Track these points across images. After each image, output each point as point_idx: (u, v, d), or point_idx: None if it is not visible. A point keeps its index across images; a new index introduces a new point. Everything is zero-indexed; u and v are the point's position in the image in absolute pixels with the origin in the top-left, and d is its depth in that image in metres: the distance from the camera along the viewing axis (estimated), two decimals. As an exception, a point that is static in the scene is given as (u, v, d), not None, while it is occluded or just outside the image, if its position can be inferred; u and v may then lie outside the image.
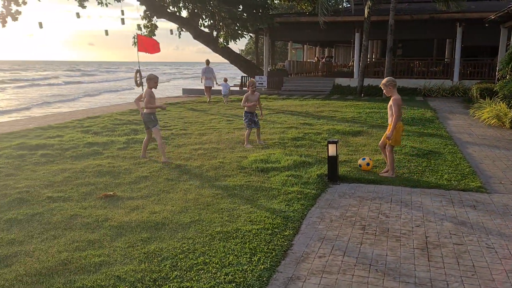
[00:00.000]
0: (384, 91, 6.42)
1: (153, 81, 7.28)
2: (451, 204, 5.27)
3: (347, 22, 21.98)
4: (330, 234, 4.41)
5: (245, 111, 8.66)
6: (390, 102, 6.31)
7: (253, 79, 9.14)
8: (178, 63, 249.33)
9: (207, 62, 18.25)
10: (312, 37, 25.44)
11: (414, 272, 3.61)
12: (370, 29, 19.23)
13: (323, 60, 31.89)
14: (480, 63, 21.26)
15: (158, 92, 35.58)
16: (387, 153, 6.44)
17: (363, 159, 6.78)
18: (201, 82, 18.56)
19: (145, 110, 7.33)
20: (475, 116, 12.49)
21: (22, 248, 4.06)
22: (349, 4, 22.43)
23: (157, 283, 3.40)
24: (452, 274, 3.59)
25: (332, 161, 6.13)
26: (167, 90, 39.03)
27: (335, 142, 6.10)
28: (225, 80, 18.53)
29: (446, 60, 23.81)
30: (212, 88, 18.58)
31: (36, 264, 3.72)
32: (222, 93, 18.03)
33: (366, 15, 19.01)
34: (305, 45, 34.38)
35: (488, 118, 11.49)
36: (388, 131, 6.37)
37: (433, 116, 12.52)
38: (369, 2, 18.72)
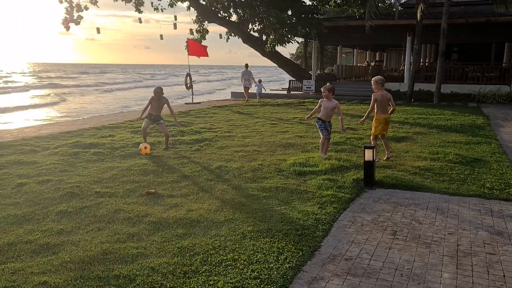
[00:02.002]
0: (373, 86, 7.47)
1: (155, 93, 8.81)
2: (489, 213, 5.15)
3: (399, 25, 21.54)
4: (359, 238, 4.46)
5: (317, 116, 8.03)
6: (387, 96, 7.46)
7: (328, 84, 8.25)
8: (230, 67, 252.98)
9: (246, 65, 20.86)
10: (362, 41, 25.13)
11: (440, 279, 3.61)
12: (422, 33, 18.78)
13: (373, 64, 31.37)
14: (541, 68, 20.17)
15: (206, 95, 36.56)
16: (374, 140, 7.62)
17: (143, 143, 8.30)
18: (241, 82, 21.11)
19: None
20: (530, 123, 11.92)
21: (69, 238, 4.42)
22: (400, 7, 21.97)
23: (187, 276, 3.62)
24: (480, 283, 3.55)
25: (368, 166, 6.14)
26: (215, 93, 39.76)
27: (372, 147, 6.11)
28: (260, 81, 21.44)
29: (504, 64, 22.76)
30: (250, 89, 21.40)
31: (80, 252, 4.05)
32: (257, 92, 20.91)
33: (418, 18, 18.58)
34: (355, 49, 33.98)
35: (545, 126, 10.93)
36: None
37: (485, 123, 12.06)
38: (421, 5, 18.29)
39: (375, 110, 7.54)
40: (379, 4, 22.04)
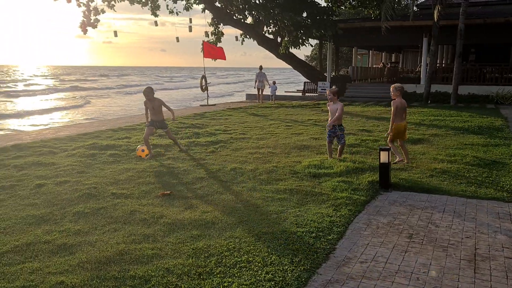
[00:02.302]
0: (391, 94, 7.49)
1: (144, 93, 8.42)
2: (508, 217, 5.06)
3: (415, 26, 21.33)
4: (374, 241, 4.43)
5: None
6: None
7: (335, 88, 8.03)
8: (245, 69, 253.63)
9: (260, 67, 21.19)
10: (378, 42, 24.98)
11: (457, 283, 3.56)
12: (439, 34, 18.56)
13: (389, 65, 31.11)
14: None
15: (227, 97, 36.72)
16: (401, 145, 7.60)
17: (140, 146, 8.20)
18: (255, 84, 21.38)
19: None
20: (551, 125, 11.69)
21: (86, 238, 4.48)
22: (416, 8, 21.76)
23: (201, 277, 3.63)
24: (498, 287, 3.49)
25: (384, 168, 6.09)
26: (234, 95, 39.86)
27: (387, 150, 6.06)
28: (274, 82, 22.40)
29: (523, 65, 22.35)
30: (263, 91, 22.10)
31: (97, 253, 4.10)
32: (270, 93, 21.83)
33: (435, 19, 18.38)
34: (370, 51, 33.74)
35: None
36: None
37: (503, 124, 11.87)
38: (438, 6, 18.09)
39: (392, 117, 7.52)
40: (395, 6, 21.84)
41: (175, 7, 24.85)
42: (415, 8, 21.48)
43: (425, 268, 3.83)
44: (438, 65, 25.51)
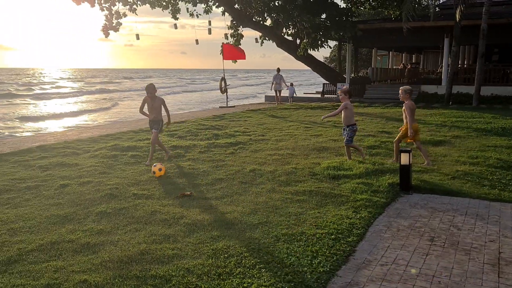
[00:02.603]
0: (401, 96, 7.52)
1: (148, 90, 8.00)
2: (533, 220, 4.96)
3: (436, 27, 21.02)
4: (395, 243, 4.39)
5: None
6: (404, 107, 7.50)
7: (346, 87, 7.93)
8: (264, 70, 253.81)
9: (278, 70, 21.62)
10: (398, 43, 24.72)
11: None
12: (461, 34, 18.27)
13: (409, 66, 30.74)
14: None
15: (251, 99, 36.91)
16: (419, 147, 7.59)
17: (155, 165, 7.00)
18: (271, 86, 21.58)
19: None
20: None
21: (109, 238, 4.56)
22: (437, 8, 21.46)
23: (221, 277, 3.66)
24: (522, 292, 3.43)
25: (405, 170, 6.03)
26: (257, 97, 39.92)
27: (408, 151, 6.00)
28: (291, 84, 22.71)
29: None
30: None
31: (119, 252, 4.17)
32: (288, 95, 22.02)
33: (457, 19, 18.10)
34: (390, 52, 33.40)
35: None
36: (403, 130, 7.60)
37: (528, 126, 11.60)
38: (460, 5, 17.80)
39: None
40: (416, 6, 21.58)
41: (195, 10, 24.99)
42: (436, 8, 21.17)
43: (447, 271, 3.78)
44: (459, 65, 25.10)
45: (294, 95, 22.71)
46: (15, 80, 77.62)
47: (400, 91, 7.53)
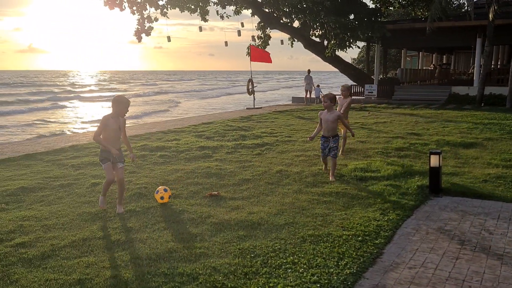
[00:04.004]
0: (343, 93, 8.41)
1: (122, 105, 5.28)
2: None
3: (468, 27, 20.56)
4: (424, 246, 4.32)
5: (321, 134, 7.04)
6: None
7: (330, 93, 7.18)
8: (292, 72, 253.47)
9: (308, 71, 23.12)
10: (428, 43, 24.26)
11: (512, 293, 3.42)
12: (494, 34, 17.79)
13: (440, 67, 30.10)
14: None
15: (269, 99, 37.17)
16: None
17: (157, 192, 5.68)
18: (303, 85, 23.64)
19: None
20: None
21: (137, 235, 4.65)
22: (469, 8, 20.94)
23: (247, 277, 3.69)
24: (557, 299, 3.32)
25: (434, 173, 5.92)
26: (276, 98, 39.94)
27: (438, 153, 5.89)
28: (318, 85, 23.95)
29: None
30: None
31: (147, 250, 4.25)
32: (315, 96, 23.13)
33: (490, 18, 17.64)
34: (420, 52, 32.80)
35: None
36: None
37: None
38: (494, 4, 17.34)
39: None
40: (446, 6, 21.13)
41: (224, 12, 25.25)
42: (467, 8, 20.67)
43: (478, 276, 3.70)
44: (492, 66, 24.44)
45: (321, 96, 23.03)
46: (62, 81, 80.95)
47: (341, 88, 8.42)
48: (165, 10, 23.96)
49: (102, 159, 5.35)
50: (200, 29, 24.89)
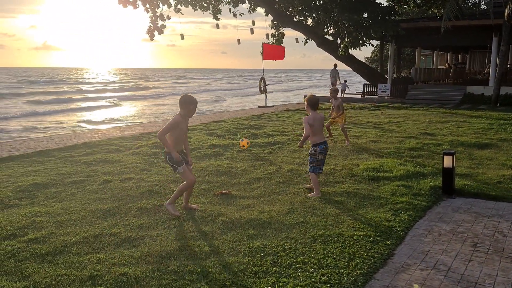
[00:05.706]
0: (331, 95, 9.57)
1: (193, 105, 5.14)
2: None
3: (483, 26, 20.26)
4: (436, 248, 4.27)
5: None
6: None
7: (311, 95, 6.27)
8: (304, 70, 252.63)
9: (335, 65, 23.47)
10: (443, 42, 23.97)
11: (526, 297, 3.36)
12: (510, 33, 17.51)
13: (455, 66, 29.73)
14: None
15: (279, 99, 37.18)
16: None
17: (242, 140, 8.40)
18: (330, 80, 23.90)
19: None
20: None
21: (148, 233, 4.67)
22: (485, 6, 20.65)
23: (257, 275, 3.68)
24: None
25: (447, 173, 5.85)
26: (287, 97, 39.88)
27: (452, 154, 5.81)
28: (345, 81, 25.28)
29: None
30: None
31: (158, 247, 4.27)
32: (341, 89, 23.66)
33: (506, 17, 17.36)
34: (435, 51, 32.44)
35: None
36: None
37: None
38: (509, 3, 17.07)
39: None
40: (463, 4, 20.86)
41: (237, 10, 25.26)
42: (483, 6, 20.39)
43: (491, 279, 3.64)
44: (508, 66, 24.08)
45: (347, 90, 25.06)
46: (90, 79, 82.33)
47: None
48: (178, 6, 24.03)
49: (178, 161, 4.97)
50: (217, 26, 24.98)
